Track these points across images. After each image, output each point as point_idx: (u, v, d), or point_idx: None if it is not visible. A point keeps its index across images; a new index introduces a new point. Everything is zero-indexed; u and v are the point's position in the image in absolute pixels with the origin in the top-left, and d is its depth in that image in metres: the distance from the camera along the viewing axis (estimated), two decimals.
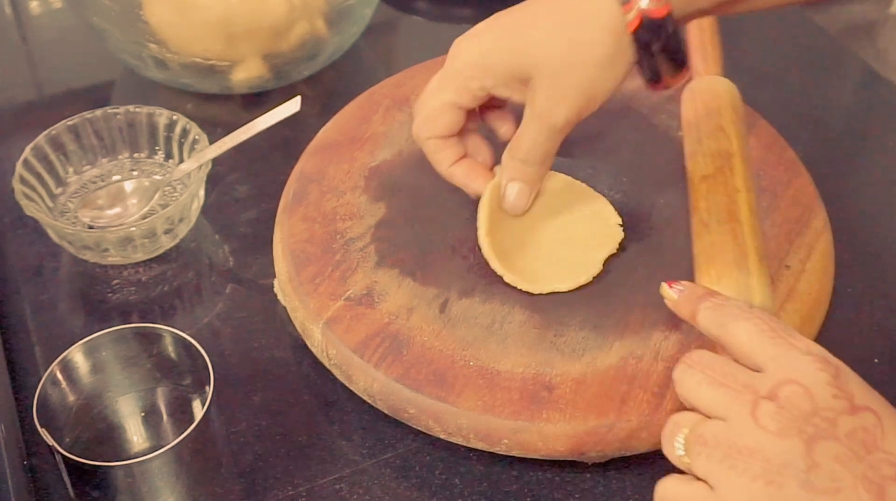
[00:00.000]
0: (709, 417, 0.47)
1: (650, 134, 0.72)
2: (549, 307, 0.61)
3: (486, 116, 0.66)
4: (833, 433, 0.43)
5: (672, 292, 0.54)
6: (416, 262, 0.64)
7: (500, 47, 0.60)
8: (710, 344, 0.52)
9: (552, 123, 0.60)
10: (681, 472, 0.47)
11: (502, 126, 0.66)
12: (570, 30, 0.58)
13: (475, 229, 0.64)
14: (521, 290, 0.62)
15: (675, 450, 0.47)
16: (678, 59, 0.58)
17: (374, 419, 0.61)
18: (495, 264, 0.62)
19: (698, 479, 0.46)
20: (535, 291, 0.62)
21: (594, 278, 0.63)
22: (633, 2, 0.56)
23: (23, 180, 0.69)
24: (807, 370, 0.45)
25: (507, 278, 0.62)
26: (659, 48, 0.57)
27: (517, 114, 0.63)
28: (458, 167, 0.65)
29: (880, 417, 0.44)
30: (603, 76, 0.58)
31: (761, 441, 0.44)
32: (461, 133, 0.64)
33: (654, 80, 0.59)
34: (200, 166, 0.70)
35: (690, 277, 0.61)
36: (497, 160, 0.65)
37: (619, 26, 0.57)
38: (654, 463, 0.59)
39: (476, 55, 0.61)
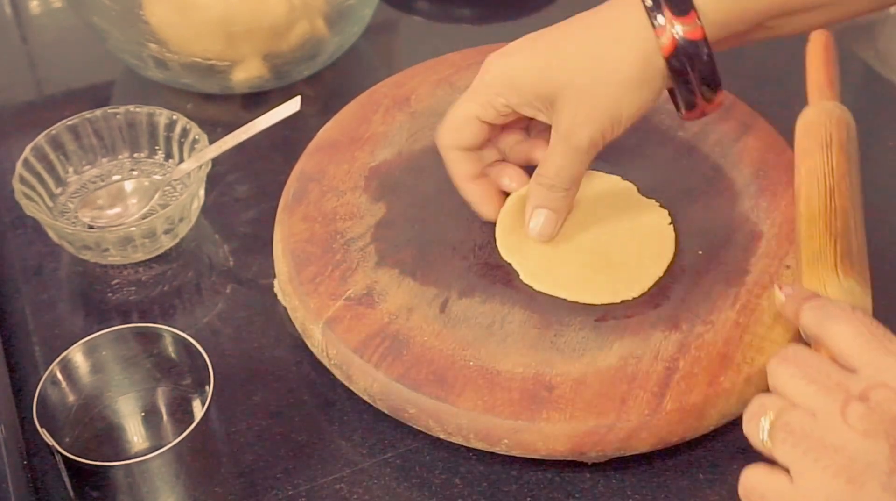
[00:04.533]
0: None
1: (650, 134, 0.72)
2: (549, 307, 0.61)
3: (505, 137, 0.65)
4: None
5: (780, 294, 0.55)
6: (416, 262, 0.64)
7: (529, 66, 0.60)
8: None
9: (576, 144, 0.59)
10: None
11: (517, 149, 0.65)
12: (597, 48, 0.58)
13: (475, 230, 0.64)
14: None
15: (758, 432, 0.47)
16: (713, 84, 0.58)
17: (374, 419, 0.61)
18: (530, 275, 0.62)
19: (777, 467, 0.46)
20: (586, 300, 0.61)
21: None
22: (667, 25, 0.56)
23: (23, 180, 0.69)
24: None
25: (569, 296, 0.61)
26: (695, 75, 0.57)
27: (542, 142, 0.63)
28: (474, 184, 0.65)
29: None
30: (629, 97, 0.58)
31: (848, 439, 0.44)
32: (486, 149, 0.65)
33: (690, 107, 0.59)
34: (200, 166, 0.70)
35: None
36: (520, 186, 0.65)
37: (651, 49, 0.57)
38: (654, 463, 0.59)
39: (504, 72, 0.61)
